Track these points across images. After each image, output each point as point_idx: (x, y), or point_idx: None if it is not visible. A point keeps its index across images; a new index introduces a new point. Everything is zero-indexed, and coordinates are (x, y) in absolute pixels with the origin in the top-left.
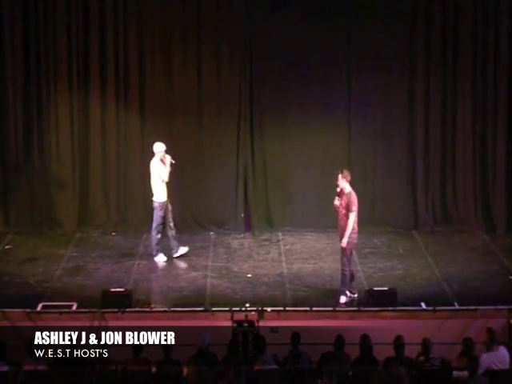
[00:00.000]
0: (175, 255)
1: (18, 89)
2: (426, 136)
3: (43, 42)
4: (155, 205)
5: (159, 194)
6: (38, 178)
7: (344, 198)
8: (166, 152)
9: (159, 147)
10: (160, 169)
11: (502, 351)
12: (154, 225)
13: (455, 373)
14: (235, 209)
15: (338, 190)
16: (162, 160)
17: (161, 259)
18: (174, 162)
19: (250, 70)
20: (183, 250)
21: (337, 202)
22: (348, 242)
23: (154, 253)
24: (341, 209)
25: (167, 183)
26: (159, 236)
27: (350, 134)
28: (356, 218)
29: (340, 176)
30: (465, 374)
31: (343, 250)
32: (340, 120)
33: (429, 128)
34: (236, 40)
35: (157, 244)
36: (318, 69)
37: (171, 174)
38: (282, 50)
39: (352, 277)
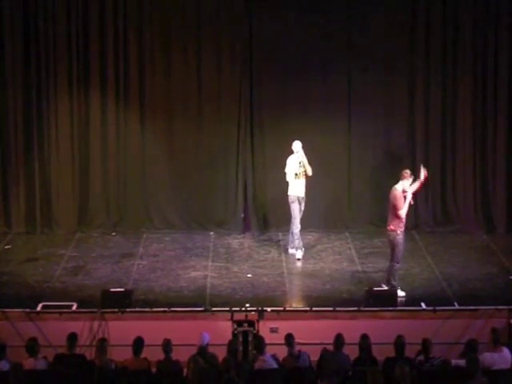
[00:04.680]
0: (297, 254)
1: (17, 89)
2: (426, 136)
3: (43, 42)
4: (290, 199)
5: (291, 187)
6: (38, 177)
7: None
8: None
9: (298, 146)
10: (294, 166)
11: (506, 352)
12: (292, 217)
13: (454, 361)
14: (235, 209)
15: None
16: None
17: (296, 254)
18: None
19: (250, 70)
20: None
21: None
22: (394, 238)
23: (293, 245)
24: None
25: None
26: (298, 230)
27: (350, 133)
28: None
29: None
30: (462, 362)
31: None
32: (340, 120)
33: (429, 128)
34: (236, 40)
35: (297, 238)
36: (318, 68)
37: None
38: (282, 49)
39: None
